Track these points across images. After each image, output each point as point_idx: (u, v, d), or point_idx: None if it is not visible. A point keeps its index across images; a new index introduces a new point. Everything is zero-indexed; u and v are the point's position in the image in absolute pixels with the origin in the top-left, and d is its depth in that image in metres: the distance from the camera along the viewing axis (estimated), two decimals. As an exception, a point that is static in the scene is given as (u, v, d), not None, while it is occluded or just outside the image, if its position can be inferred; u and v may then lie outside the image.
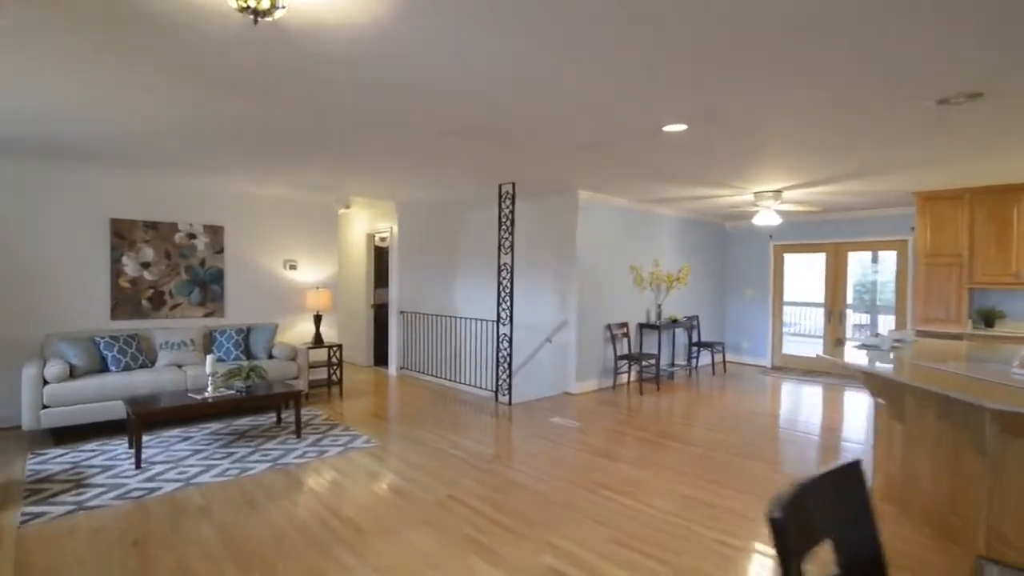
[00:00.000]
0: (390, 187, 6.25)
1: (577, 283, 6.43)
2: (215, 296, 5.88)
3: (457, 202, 7.48)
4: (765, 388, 7.07)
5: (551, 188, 6.20)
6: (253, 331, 5.73)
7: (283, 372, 5.51)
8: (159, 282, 5.53)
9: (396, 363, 7.62)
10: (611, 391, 6.69)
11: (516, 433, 4.87)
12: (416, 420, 5.24)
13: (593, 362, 6.71)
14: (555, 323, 6.68)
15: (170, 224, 5.60)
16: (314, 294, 6.26)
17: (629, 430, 5.00)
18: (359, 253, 8.46)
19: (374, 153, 4.53)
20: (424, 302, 7.90)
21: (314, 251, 6.67)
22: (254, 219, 6.17)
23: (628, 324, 7.12)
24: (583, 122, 3.54)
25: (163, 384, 4.77)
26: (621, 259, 7.05)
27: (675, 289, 7.77)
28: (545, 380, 6.75)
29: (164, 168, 5.30)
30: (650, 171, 5.14)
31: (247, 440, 4.51)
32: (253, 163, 4.98)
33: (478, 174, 5.39)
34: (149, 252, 5.47)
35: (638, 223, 7.30)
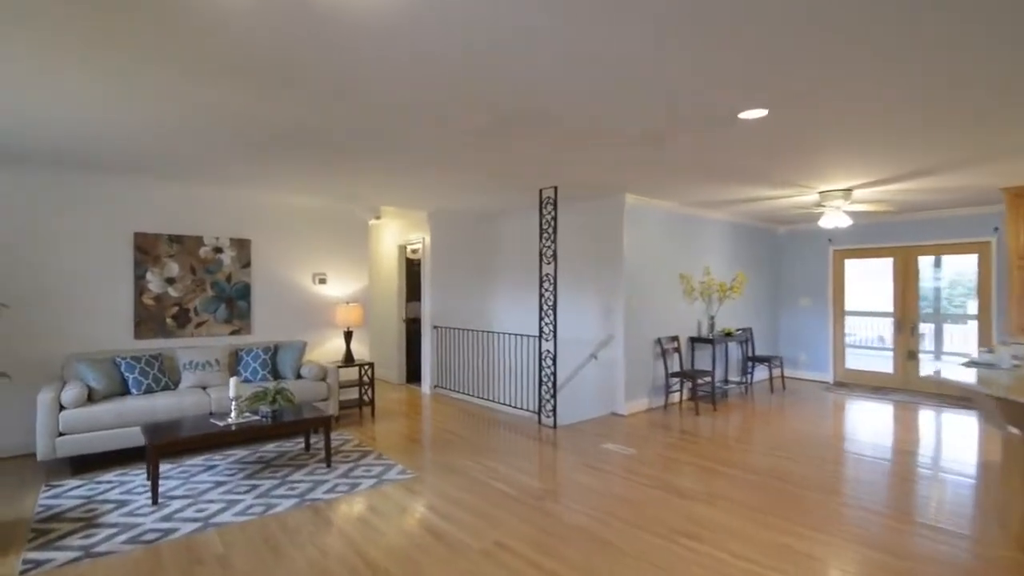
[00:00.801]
0: (422, 195, 5.90)
1: (624, 294, 5.93)
2: (242, 313, 5.60)
3: (492, 210, 7.09)
4: (831, 407, 6.41)
5: (595, 192, 5.75)
6: (281, 349, 5.41)
7: (312, 393, 5.16)
8: (184, 299, 5.27)
9: (430, 381, 7.23)
10: (662, 411, 6.15)
11: (565, 462, 4.39)
12: (453, 445, 4.81)
13: (642, 380, 6.18)
14: (600, 338, 6.19)
15: (195, 238, 5.34)
16: (344, 309, 5.93)
17: (690, 457, 4.46)
18: (390, 265, 8.14)
19: (408, 152, 4.16)
20: (458, 316, 7.51)
21: (344, 264, 6.36)
22: (282, 231, 5.89)
23: (679, 338, 6.57)
24: (645, 109, 3.09)
25: (186, 408, 4.46)
26: (669, 268, 6.53)
27: (728, 300, 7.19)
28: (590, 400, 6.25)
29: (189, 179, 5.05)
30: (709, 168, 4.64)
31: (273, 470, 4.14)
32: (281, 170, 4.68)
33: (517, 178, 4.98)
34: (174, 267, 5.22)
35: (686, 228, 6.78)
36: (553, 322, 5.37)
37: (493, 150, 3.98)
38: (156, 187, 5.12)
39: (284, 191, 5.67)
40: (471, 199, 6.18)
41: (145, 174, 4.83)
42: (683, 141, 3.74)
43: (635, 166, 4.53)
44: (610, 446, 4.79)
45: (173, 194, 5.23)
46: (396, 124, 3.36)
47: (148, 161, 4.34)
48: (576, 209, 6.45)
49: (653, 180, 5.11)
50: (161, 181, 5.10)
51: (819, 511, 3.39)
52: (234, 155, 4.15)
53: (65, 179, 4.69)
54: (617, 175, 4.89)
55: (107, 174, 4.79)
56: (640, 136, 3.62)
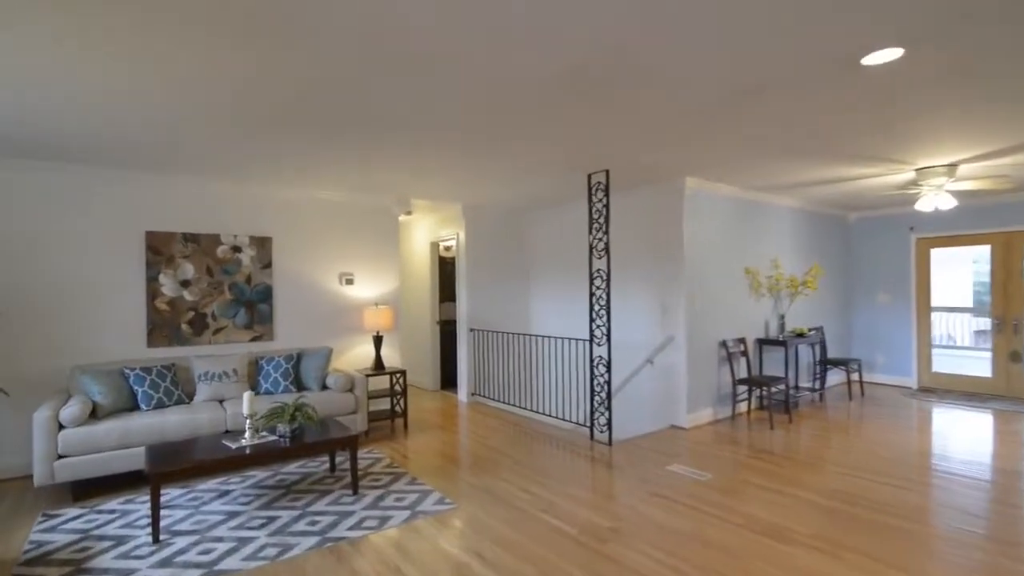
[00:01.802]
0: (456, 185, 5.33)
1: (685, 291, 5.23)
2: (263, 317, 5.13)
3: (533, 201, 6.48)
4: (921, 417, 5.56)
5: (651, 176, 5.07)
6: (304, 357, 4.91)
7: (338, 406, 4.64)
8: (200, 302, 4.83)
9: (466, 388, 6.67)
10: (729, 424, 5.42)
11: (627, 488, 3.74)
12: (496, 466, 4.22)
13: (706, 388, 5.47)
14: (656, 341, 5.51)
15: (212, 236, 4.90)
16: (373, 312, 5.41)
17: (777, 484, 3.75)
18: (422, 264, 7.62)
19: (444, 130, 3.59)
20: (496, 318, 6.92)
21: (373, 263, 5.85)
22: (306, 228, 5.41)
23: (745, 340, 5.83)
24: (749, 53, 2.42)
25: (199, 425, 3.99)
26: (733, 261, 5.79)
27: (801, 296, 6.39)
28: (647, 411, 5.57)
29: (203, 172, 4.60)
30: (795, 138, 3.92)
31: (294, 497, 3.63)
32: (301, 158, 4.17)
33: (563, 160, 4.35)
34: (189, 268, 4.78)
35: (750, 217, 6.02)
36: (606, 324, 4.72)
37: (540, 122, 3.37)
38: (168, 182, 4.69)
39: (306, 184, 5.18)
40: (511, 189, 5.58)
41: (156, 168, 4.40)
42: (777, 102, 3.05)
43: (706, 139, 3.84)
44: (678, 468, 4.12)
45: (187, 189, 4.80)
46: (433, 87, 2.78)
47: (158, 153, 3.89)
48: (628, 197, 5.77)
49: (721, 157, 4.40)
50: (173, 175, 4.67)
51: (973, 567, 2.66)
52: (250, 139, 3.65)
53: (69, 175, 4.29)
54: (681, 152, 4.20)
55: (114, 168, 4.38)
56: (727, 95, 2.95)
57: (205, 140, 3.65)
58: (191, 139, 3.63)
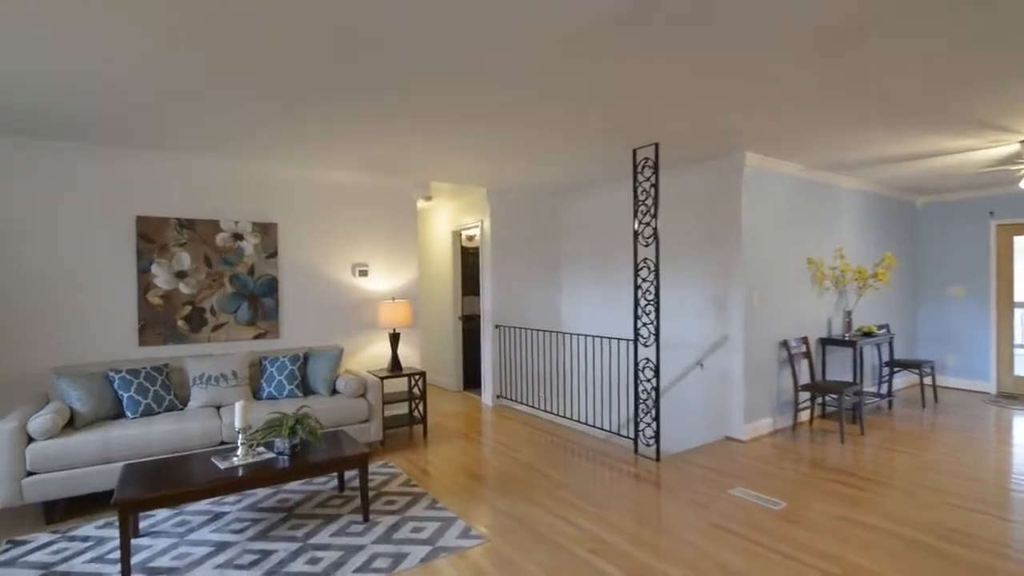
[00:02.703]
0: (482, 164, 4.74)
1: (744, 284, 4.57)
2: (267, 312, 4.63)
3: (566, 183, 5.86)
4: (1007, 427, 4.82)
5: (707, 150, 4.41)
6: (312, 358, 4.40)
7: (349, 413, 4.12)
8: (198, 296, 4.34)
9: (491, 390, 6.10)
10: (791, 435, 4.76)
11: (686, 519, 3.14)
12: (529, 486, 3.65)
13: (765, 394, 4.81)
14: (707, 340, 4.86)
15: (211, 222, 4.40)
16: (390, 307, 4.87)
17: (873, 517, 3.11)
18: (443, 255, 7.06)
19: (476, 83, 3.00)
20: (524, 313, 6.34)
21: (389, 253, 5.30)
22: (315, 214, 4.88)
23: (808, 340, 5.14)
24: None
25: (190, 436, 3.50)
26: (795, 250, 5.09)
27: (869, 290, 5.66)
28: (696, 420, 4.94)
29: (201, 150, 4.09)
30: (884, 100, 3.23)
31: (295, 524, 3.11)
32: (309, 130, 3.63)
33: (607, 131, 3.73)
34: (185, 258, 4.29)
35: (813, 200, 5.31)
36: (655, 321, 4.09)
37: (588, 77, 2.75)
38: (160, 161, 4.20)
39: (315, 164, 4.65)
40: (542, 167, 4.97)
41: (146, 144, 3.90)
42: (878, 45, 2.38)
43: (777, 99, 3.18)
44: (742, 493, 3.49)
45: (182, 169, 4.30)
46: (465, 31, 2.19)
47: (148, 126, 3.38)
48: (678, 177, 5.11)
49: (790, 125, 3.73)
50: (166, 153, 4.17)
51: None
52: (252, 107, 3.11)
53: (47, 153, 3.82)
54: (744, 118, 3.55)
55: (99, 144, 3.89)
56: (812, 39, 2.30)
57: (193, 106, 3.12)
58: (177, 105, 3.10)
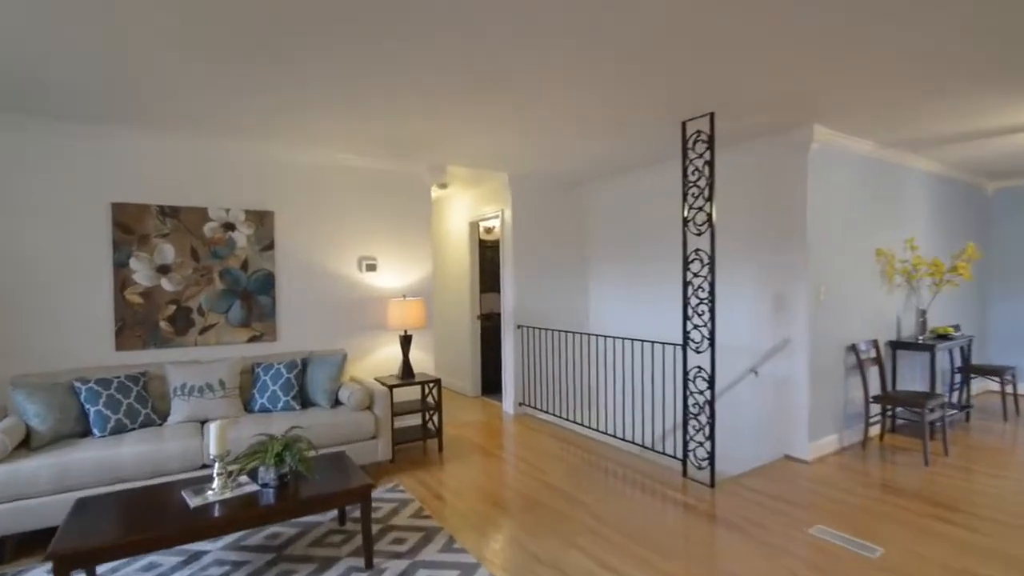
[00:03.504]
0: (503, 143, 4.16)
1: (808, 279, 3.94)
2: (263, 312, 4.10)
3: (598, 166, 5.26)
4: None
5: (768, 121, 3.77)
6: (312, 364, 3.86)
7: (353, 429, 3.57)
8: (184, 294, 3.83)
9: (512, 396, 5.53)
10: (860, 453, 4.12)
11: (759, 568, 2.53)
12: (563, 519, 3.07)
13: (832, 406, 4.17)
14: (764, 343, 4.23)
15: (198, 210, 3.88)
16: (400, 306, 4.32)
17: (1000, 569, 2.47)
18: (459, 248, 6.50)
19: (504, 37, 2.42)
20: (549, 313, 5.75)
21: (400, 245, 4.75)
22: (316, 201, 4.34)
23: (878, 343, 4.49)
24: None
25: (166, 460, 2.98)
26: (864, 240, 4.44)
27: (948, 286, 4.97)
28: (750, 435, 4.32)
29: (186, 128, 3.57)
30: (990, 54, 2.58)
31: (285, 570, 2.56)
32: (310, 102, 3.07)
33: (653, 99, 3.12)
34: (168, 250, 3.78)
35: (883, 183, 4.64)
36: (709, 323, 3.48)
37: (632, 32, 2.15)
38: (140, 140, 3.68)
39: (317, 144, 4.11)
40: (571, 147, 4.38)
41: (122, 121, 3.39)
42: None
43: (858, 53, 2.55)
44: (824, 533, 2.87)
45: (164, 150, 3.78)
46: None
47: (123, 99, 2.86)
48: (725, 157, 4.48)
49: (870, 87, 3.08)
50: (147, 131, 3.65)
51: None
52: (241, 70, 2.57)
53: (4, 131, 3.32)
54: (816, 79, 2.91)
55: (67, 122, 3.39)
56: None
57: (172, 70, 2.58)
58: (153, 70, 2.56)
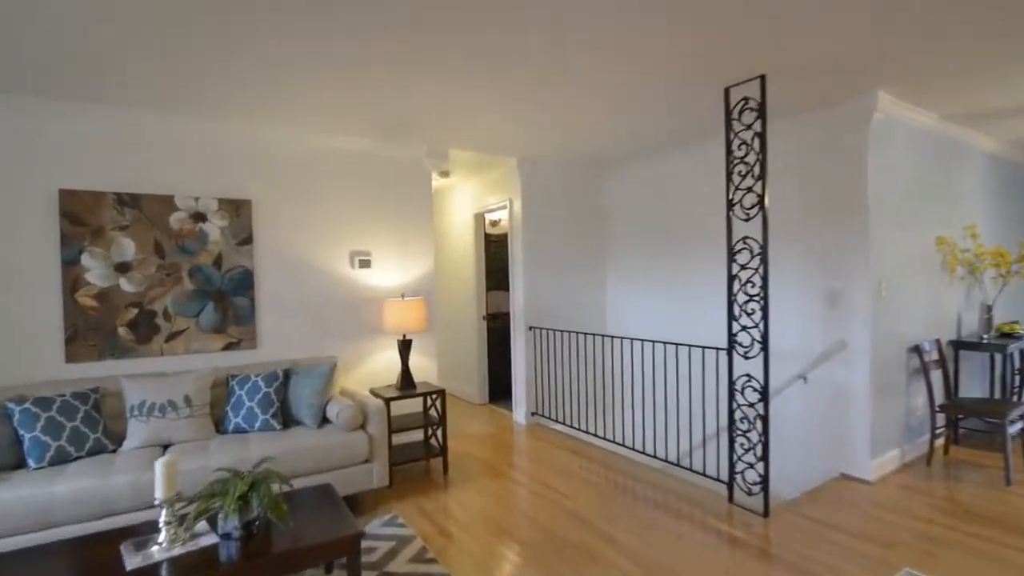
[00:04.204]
0: (512, 122, 3.63)
1: (869, 273, 3.41)
2: (241, 315, 3.58)
3: (618, 148, 4.72)
4: None
5: (823, 85, 3.23)
6: (296, 375, 3.33)
7: (343, 452, 3.05)
8: (147, 295, 3.31)
9: (524, 405, 5.01)
10: (925, 470, 3.59)
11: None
12: (592, 560, 2.54)
13: (893, 416, 3.64)
14: (815, 346, 3.70)
15: (162, 198, 3.35)
16: (399, 307, 3.80)
17: None
18: (463, 242, 5.96)
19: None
20: (564, 312, 5.21)
21: (399, 238, 4.23)
22: (301, 188, 3.82)
23: (939, 343, 3.95)
24: None
25: (114, 497, 2.46)
26: (924, 227, 3.90)
27: (1016, 278, 4.42)
28: (800, 451, 3.78)
29: (148, 103, 3.04)
30: None
31: (251, 640, 2.04)
32: (293, 71, 2.54)
33: (689, 61, 2.59)
34: (128, 246, 3.26)
35: (943, 162, 4.10)
36: (761, 323, 2.95)
37: None
38: (94, 118, 3.15)
39: (301, 123, 3.58)
40: (590, 124, 3.84)
41: (73, 95, 2.86)
42: None
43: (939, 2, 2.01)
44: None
45: (122, 129, 3.25)
46: None
47: (73, 69, 2.34)
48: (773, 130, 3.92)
49: (949, 38, 2.55)
50: (102, 107, 3.13)
51: None
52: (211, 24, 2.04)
53: (-70, 100, 2.80)
54: (888, 34, 2.37)
55: (5, 94, 2.86)
56: None
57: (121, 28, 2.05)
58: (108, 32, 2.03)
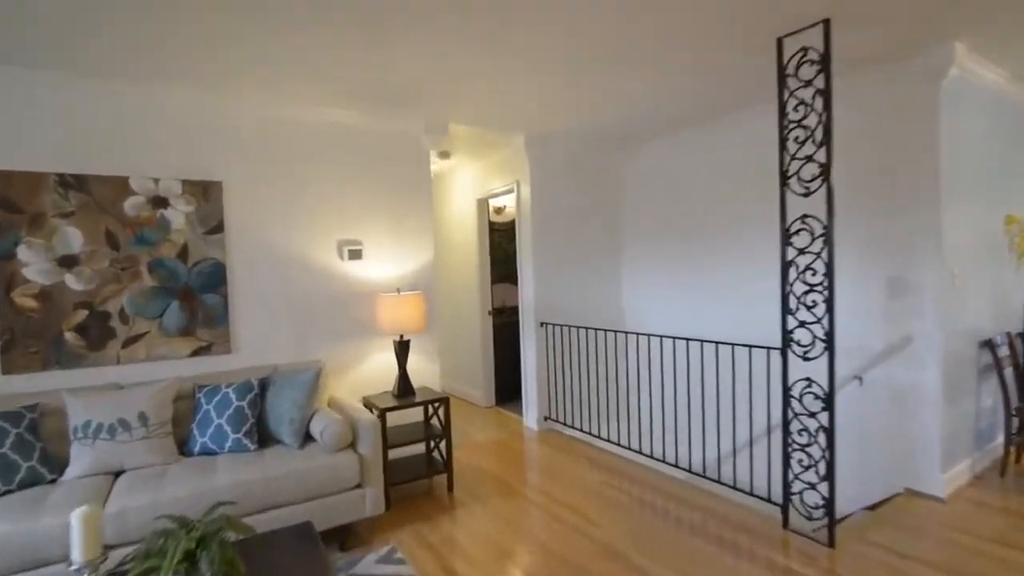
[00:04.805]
0: (519, 92, 3.13)
1: (938, 258, 2.93)
2: (212, 315, 3.10)
3: (645, 121, 4.23)
4: None
5: (882, 42, 2.74)
6: (275, 385, 2.85)
7: (328, 477, 2.57)
8: (98, 294, 2.83)
9: (536, 409, 4.54)
10: (999, 483, 3.12)
11: None
12: (637, 614, 2.08)
13: (964, 422, 3.17)
14: (875, 342, 3.22)
15: (114, 180, 2.86)
16: (395, 303, 3.32)
17: None
18: (465, 230, 5.47)
19: None
20: (578, 307, 4.73)
21: (394, 225, 3.74)
22: (281, 169, 3.33)
23: (1012, 336, 3.47)
24: None
25: (42, 543, 1.98)
26: (994, 204, 3.42)
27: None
28: (856, 464, 3.30)
29: (97, 68, 2.54)
30: None
31: None
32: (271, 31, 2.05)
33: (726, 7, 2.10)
34: (74, 236, 2.77)
35: (1016, 128, 3.61)
36: (824, 318, 2.47)
37: None
38: (29, 85, 2.66)
39: (281, 94, 3.09)
40: (612, 95, 3.35)
41: (7, 59, 2.38)
42: None
43: None
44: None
45: (65, 100, 2.76)
46: None
47: (8, 29, 1.86)
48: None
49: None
50: (40, 73, 2.63)
51: None
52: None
53: None
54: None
55: (-90, 51, 2.37)
56: None
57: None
58: None
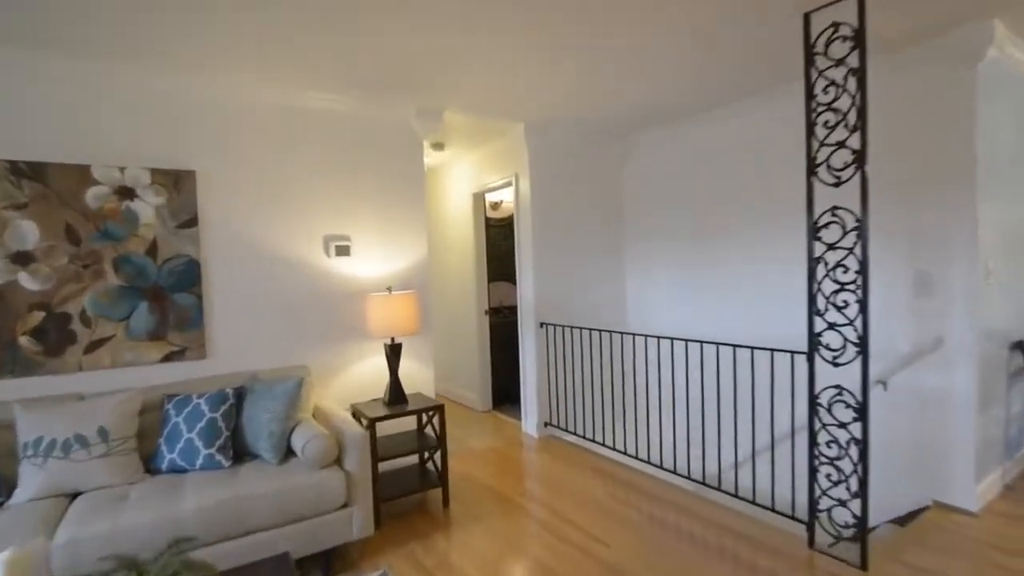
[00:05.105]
0: (520, 73, 2.89)
1: (971, 253, 2.72)
2: (185, 317, 2.84)
3: (656, 108, 4.00)
4: None
5: (914, 20, 2.52)
6: (252, 394, 2.60)
7: (311, 497, 2.32)
8: (56, 294, 2.56)
9: (536, 414, 4.31)
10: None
11: None
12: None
13: (995, 430, 2.97)
14: (900, 344, 3.02)
15: (74, 168, 2.60)
16: (385, 303, 3.07)
17: None
18: (461, 226, 5.23)
19: None
20: (581, 306, 4.50)
21: (384, 219, 3.49)
22: (261, 157, 3.07)
23: (1041, 338, 3.28)
24: None
25: (-22, 578, 1.73)
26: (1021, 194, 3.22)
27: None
28: (881, 474, 3.08)
29: (55, 44, 2.27)
30: None
31: None
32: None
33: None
34: (29, 230, 2.50)
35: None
36: (859, 320, 2.25)
37: None
38: (-25, 59, 2.39)
39: (261, 77, 2.83)
40: (623, 80, 3.12)
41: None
42: None
43: None
44: None
45: (18, 78, 2.49)
46: None
47: None
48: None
49: None
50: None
51: None
52: None
53: None
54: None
55: None
56: None
57: None
58: None
